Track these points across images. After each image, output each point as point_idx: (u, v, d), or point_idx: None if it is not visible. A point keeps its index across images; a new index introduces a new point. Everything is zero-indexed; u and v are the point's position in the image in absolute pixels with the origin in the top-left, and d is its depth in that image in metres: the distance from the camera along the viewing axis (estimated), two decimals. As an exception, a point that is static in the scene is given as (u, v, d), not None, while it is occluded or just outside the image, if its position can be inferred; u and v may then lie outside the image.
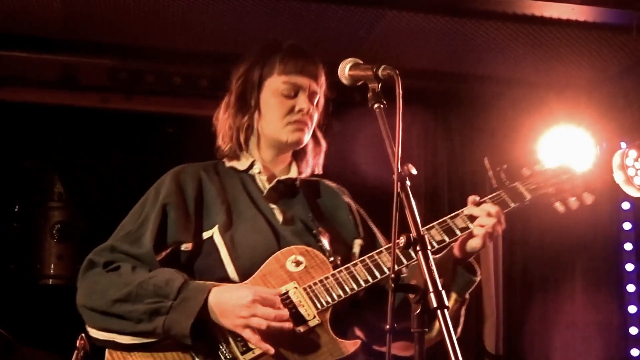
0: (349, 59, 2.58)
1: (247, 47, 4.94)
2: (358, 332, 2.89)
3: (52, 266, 6.01)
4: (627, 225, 5.67)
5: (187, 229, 2.79)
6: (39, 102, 5.36)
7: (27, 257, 6.05)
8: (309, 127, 2.92)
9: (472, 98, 5.78)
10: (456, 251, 2.76)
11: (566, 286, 5.78)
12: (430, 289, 1.98)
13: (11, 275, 5.96)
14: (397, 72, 2.28)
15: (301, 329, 2.66)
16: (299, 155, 3.02)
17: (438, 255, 2.77)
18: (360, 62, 2.62)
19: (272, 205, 2.88)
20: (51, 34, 5.05)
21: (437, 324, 2.71)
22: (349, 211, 3.05)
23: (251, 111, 2.92)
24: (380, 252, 2.75)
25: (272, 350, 2.59)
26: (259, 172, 2.94)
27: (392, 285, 2.01)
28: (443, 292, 1.97)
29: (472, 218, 2.74)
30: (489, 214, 2.71)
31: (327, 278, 2.70)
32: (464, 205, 2.81)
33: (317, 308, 2.67)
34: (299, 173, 3.01)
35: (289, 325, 2.61)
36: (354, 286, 2.69)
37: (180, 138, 5.85)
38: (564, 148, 5.48)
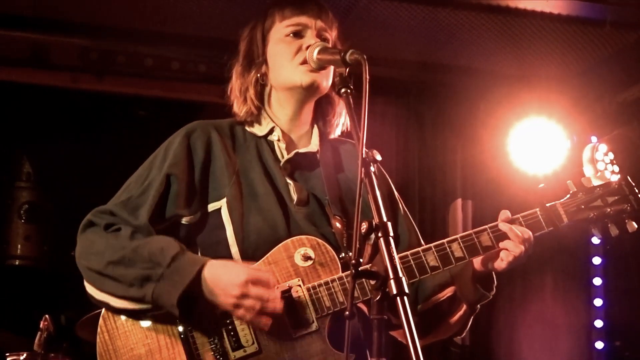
0: (318, 43, 2.60)
1: (220, 30, 4.96)
2: None
3: (19, 247, 5.95)
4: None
5: (190, 202, 2.67)
6: (9, 80, 5.28)
7: (-6, 237, 5.99)
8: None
9: (445, 89, 5.78)
10: (477, 265, 2.66)
11: (534, 279, 5.81)
12: (391, 275, 1.94)
13: (-23, 255, 5.90)
14: (365, 56, 2.24)
15: (297, 332, 2.53)
16: (321, 113, 2.84)
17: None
18: (329, 46, 2.63)
19: (289, 181, 2.71)
20: (22, 11, 4.97)
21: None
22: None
23: (258, 64, 2.77)
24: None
25: (269, 325, 2.48)
26: (278, 140, 2.76)
27: (353, 271, 1.97)
28: (404, 279, 1.94)
29: (498, 236, 2.61)
30: (522, 242, 2.59)
31: (333, 281, 2.55)
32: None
33: (317, 313, 2.54)
34: (325, 134, 2.83)
35: (280, 307, 2.48)
36: (359, 295, 2.54)
37: (151, 120, 5.81)
38: (535, 140, 5.51)
